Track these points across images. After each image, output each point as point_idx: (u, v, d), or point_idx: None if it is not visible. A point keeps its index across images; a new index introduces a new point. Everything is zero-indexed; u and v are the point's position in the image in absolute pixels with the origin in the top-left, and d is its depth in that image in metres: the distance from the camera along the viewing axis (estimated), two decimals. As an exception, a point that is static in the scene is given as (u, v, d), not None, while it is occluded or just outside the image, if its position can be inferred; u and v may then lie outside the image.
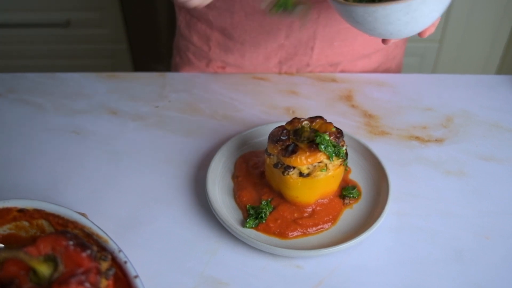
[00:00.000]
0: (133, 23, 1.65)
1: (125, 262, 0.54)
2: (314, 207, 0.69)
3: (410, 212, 0.71)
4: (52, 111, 0.89)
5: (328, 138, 0.65)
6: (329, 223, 0.68)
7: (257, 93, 0.93)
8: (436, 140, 0.84)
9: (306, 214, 0.69)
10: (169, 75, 1.00)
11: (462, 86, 0.96)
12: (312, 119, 0.69)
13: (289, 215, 0.69)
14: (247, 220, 0.68)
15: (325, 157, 0.65)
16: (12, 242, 0.59)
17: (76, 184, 0.75)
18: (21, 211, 0.59)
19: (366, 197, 0.72)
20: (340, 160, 0.67)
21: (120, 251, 0.55)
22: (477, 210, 0.71)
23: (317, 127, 0.68)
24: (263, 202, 0.70)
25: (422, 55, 1.74)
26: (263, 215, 0.68)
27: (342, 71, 1.01)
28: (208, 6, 0.88)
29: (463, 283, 0.62)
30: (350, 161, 0.77)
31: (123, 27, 1.67)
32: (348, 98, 0.92)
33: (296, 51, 0.96)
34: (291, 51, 0.95)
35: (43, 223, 0.59)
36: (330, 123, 0.69)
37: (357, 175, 0.76)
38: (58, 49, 1.75)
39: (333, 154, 0.66)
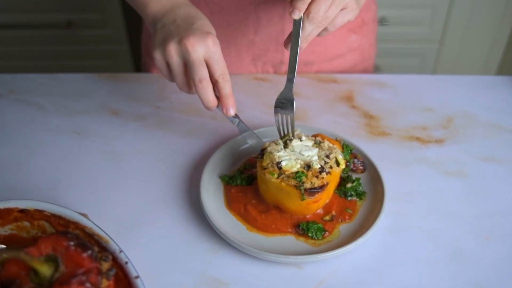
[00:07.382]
0: (134, 24, 1.65)
1: (126, 263, 0.54)
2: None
3: (410, 212, 0.71)
4: (53, 111, 0.90)
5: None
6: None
7: (257, 94, 0.93)
8: (436, 140, 0.84)
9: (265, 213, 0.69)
10: (170, 76, 1.00)
11: (463, 87, 0.96)
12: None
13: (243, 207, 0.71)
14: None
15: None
16: (13, 242, 0.59)
17: (77, 184, 0.76)
18: (22, 211, 0.59)
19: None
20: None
21: (121, 251, 0.55)
22: (477, 210, 0.71)
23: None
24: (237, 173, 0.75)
25: (423, 56, 1.74)
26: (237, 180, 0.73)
27: (318, 72, 1.01)
28: None
29: (463, 283, 0.62)
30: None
31: (124, 28, 1.68)
32: (348, 98, 0.92)
33: (267, 47, 0.96)
34: (262, 47, 0.96)
35: (44, 223, 0.60)
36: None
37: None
38: (59, 50, 1.75)
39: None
